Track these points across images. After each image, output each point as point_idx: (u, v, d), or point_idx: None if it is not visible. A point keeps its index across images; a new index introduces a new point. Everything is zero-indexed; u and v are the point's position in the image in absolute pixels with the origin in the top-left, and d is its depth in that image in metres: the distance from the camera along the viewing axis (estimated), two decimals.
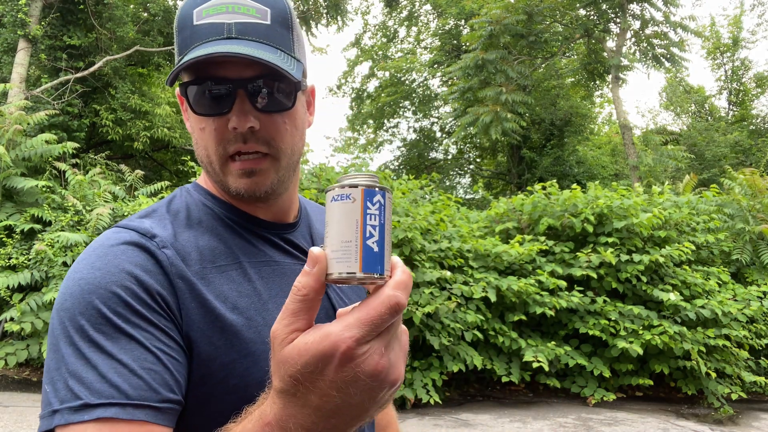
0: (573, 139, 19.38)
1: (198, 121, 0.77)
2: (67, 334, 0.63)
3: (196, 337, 0.69)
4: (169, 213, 0.78)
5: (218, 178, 0.79)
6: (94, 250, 0.69)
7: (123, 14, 12.75)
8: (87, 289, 0.64)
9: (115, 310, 0.64)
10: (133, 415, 0.60)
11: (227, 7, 0.74)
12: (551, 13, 15.71)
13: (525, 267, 6.52)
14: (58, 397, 0.61)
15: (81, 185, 6.89)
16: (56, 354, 0.63)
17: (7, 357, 5.71)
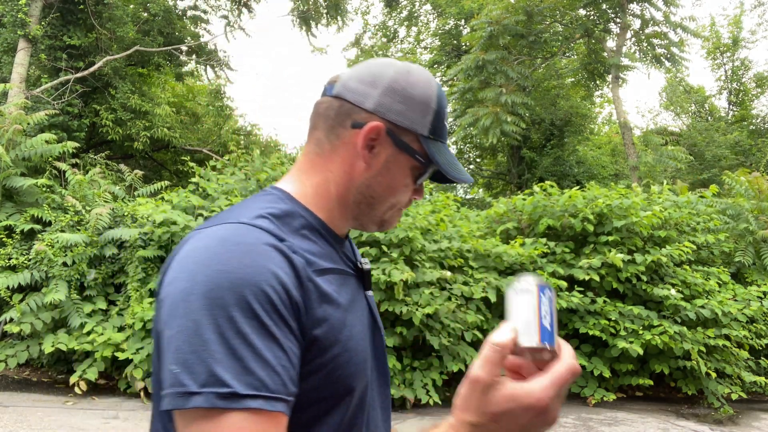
0: (573, 139, 19.38)
1: (406, 178, 0.90)
2: (214, 321, 0.67)
3: (318, 334, 0.76)
4: (275, 216, 0.82)
5: (373, 214, 0.92)
6: (237, 246, 0.73)
7: (123, 14, 12.74)
8: (238, 282, 0.69)
9: (264, 307, 0.69)
10: (274, 407, 0.66)
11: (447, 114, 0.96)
12: (551, 13, 15.70)
13: (526, 267, 6.52)
14: (196, 380, 0.65)
15: (81, 185, 6.89)
16: (196, 338, 0.67)
17: (8, 359, 5.70)
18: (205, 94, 17.60)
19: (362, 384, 0.84)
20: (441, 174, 0.91)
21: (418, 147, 0.88)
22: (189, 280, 0.70)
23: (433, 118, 0.89)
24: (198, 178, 6.95)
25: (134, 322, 5.47)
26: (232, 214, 0.81)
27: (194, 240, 0.76)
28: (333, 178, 0.89)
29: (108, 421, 4.77)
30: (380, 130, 0.86)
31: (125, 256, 6.26)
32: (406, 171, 0.89)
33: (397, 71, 0.89)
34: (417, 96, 0.88)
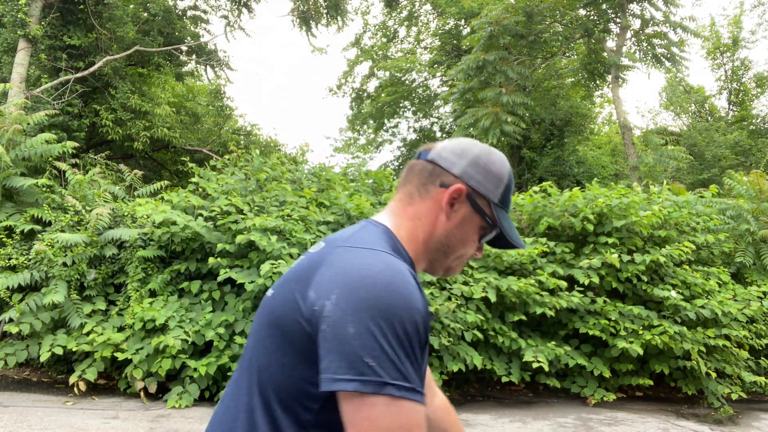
0: (573, 139, 19.37)
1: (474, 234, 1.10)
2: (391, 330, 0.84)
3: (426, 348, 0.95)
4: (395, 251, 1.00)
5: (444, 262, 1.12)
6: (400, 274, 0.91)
7: (123, 14, 12.74)
8: (409, 306, 0.87)
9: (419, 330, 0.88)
10: (415, 396, 0.85)
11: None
12: (551, 13, 15.69)
13: (525, 267, 6.52)
14: (388, 374, 0.83)
15: (81, 185, 6.88)
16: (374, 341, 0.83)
17: (7, 357, 5.70)
18: (205, 94, 17.60)
19: None
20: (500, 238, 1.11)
21: (489, 212, 1.08)
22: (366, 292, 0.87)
23: (503, 190, 1.10)
24: (198, 178, 6.94)
25: (134, 322, 5.47)
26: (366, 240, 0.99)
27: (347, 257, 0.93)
28: (421, 226, 1.08)
29: (108, 421, 4.77)
30: (462, 192, 1.07)
31: (125, 256, 6.26)
32: (476, 229, 1.09)
33: (481, 149, 1.11)
34: (494, 171, 1.09)
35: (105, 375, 5.91)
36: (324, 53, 20.86)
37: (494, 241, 1.13)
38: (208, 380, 5.38)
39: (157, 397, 5.49)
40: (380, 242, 0.99)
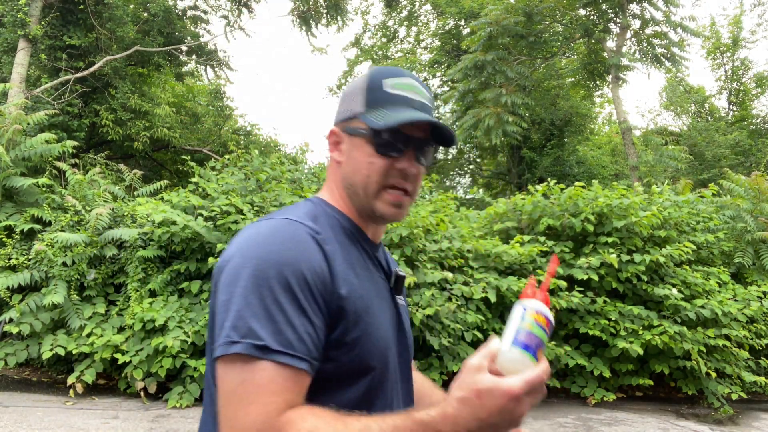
0: (573, 139, 19.37)
1: (370, 155, 1.02)
2: (257, 289, 0.84)
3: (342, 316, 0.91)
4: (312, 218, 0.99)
5: (367, 200, 1.04)
6: (280, 233, 0.91)
7: (123, 14, 12.74)
8: (281, 261, 0.86)
9: (299, 284, 0.86)
10: (298, 364, 0.83)
11: (413, 89, 1.05)
12: (551, 14, 15.68)
13: (525, 267, 6.52)
14: (238, 332, 0.81)
15: (81, 185, 6.88)
16: (244, 302, 0.83)
17: (7, 357, 5.70)
18: (205, 94, 17.60)
19: (381, 366, 0.98)
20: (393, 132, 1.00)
21: (362, 125, 1.03)
22: (242, 257, 0.88)
23: (365, 95, 1.04)
24: (197, 178, 6.94)
25: (134, 323, 5.46)
26: (279, 213, 0.99)
27: (248, 229, 0.95)
28: (335, 182, 1.09)
29: (108, 421, 4.77)
30: (333, 131, 1.08)
31: (125, 256, 6.25)
32: (364, 149, 1.03)
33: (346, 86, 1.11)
34: (350, 90, 1.08)
35: (105, 375, 5.91)
36: (324, 53, 20.87)
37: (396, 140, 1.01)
38: None
39: (157, 397, 5.48)
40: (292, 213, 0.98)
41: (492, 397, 0.79)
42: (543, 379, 0.81)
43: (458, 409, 0.80)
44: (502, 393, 0.78)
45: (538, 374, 0.81)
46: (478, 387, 0.79)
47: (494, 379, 0.80)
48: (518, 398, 0.79)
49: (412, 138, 1.02)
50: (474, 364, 0.82)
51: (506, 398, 0.78)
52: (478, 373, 0.81)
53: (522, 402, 0.79)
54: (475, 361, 0.83)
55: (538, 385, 0.81)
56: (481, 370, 0.81)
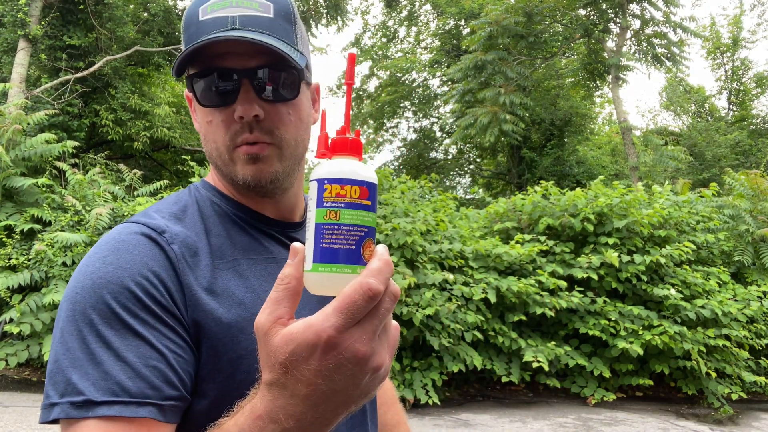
0: (573, 139, 19.37)
1: (205, 114, 0.79)
2: (75, 326, 0.64)
3: (204, 333, 0.70)
4: (178, 209, 0.79)
5: (227, 169, 0.80)
6: (106, 244, 0.70)
7: (123, 14, 12.74)
8: (99, 283, 0.66)
9: (125, 305, 0.65)
10: (135, 412, 0.61)
11: (231, 2, 0.77)
12: (551, 14, 15.69)
13: (525, 267, 6.52)
14: (57, 389, 0.62)
15: (81, 185, 6.88)
16: (61, 346, 0.64)
17: (8, 357, 5.70)
18: None
19: None
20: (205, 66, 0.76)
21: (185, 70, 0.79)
22: (67, 288, 0.69)
23: (183, 35, 0.81)
24: (197, 178, 6.94)
25: None
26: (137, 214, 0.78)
27: None
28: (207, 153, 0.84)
29: None
30: (186, 94, 0.84)
31: None
32: (198, 107, 0.80)
33: None
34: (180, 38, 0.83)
35: None
36: (324, 53, 20.87)
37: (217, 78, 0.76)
38: None
39: None
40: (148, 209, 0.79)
41: (300, 362, 0.50)
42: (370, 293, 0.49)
43: (270, 399, 0.53)
44: (307, 348, 0.49)
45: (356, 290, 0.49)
46: (278, 359, 0.51)
47: (290, 332, 0.51)
48: (333, 342, 0.49)
49: (241, 71, 0.75)
50: (261, 323, 0.53)
51: (318, 352, 0.49)
52: (270, 338, 0.52)
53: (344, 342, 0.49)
54: (262, 317, 0.53)
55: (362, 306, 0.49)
56: (272, 329, 0.52)
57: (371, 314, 0.50)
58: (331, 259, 0.52)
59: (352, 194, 0.52)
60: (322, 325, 0.49)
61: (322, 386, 0.51)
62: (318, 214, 0.52)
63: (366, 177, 0.53)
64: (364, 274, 0.50)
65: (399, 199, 6.79)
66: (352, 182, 0.52)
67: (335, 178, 0.52)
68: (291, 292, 0.53)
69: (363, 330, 0.50)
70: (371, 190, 0.53)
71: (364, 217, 0.52)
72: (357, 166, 0.54)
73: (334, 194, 0.52)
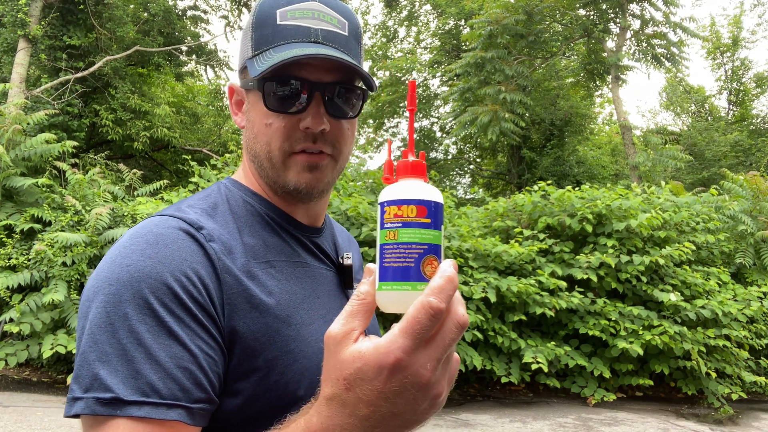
0: (573, 139, 19.37)
1: (265, 115, 0.79)
2: (107, 319, 0.62)
3: (241, 333, 0.69)
4: (208, 206, 0.78)
5: (275, 172, 0.80)
6: (143, 236, 0.68)
7: (123, 14, 12.75)
8: (137, 276, 0.64)
9: (163, 302, 0.63)
10: (165, 414, 0.60)
11: (313, 14, 0.79)
12: (551, 13, 15.69)
13: (525, 267, 6.52)
14: (81, 384, 0.60)
15: (81, 185, 6.89)
16: (89, 338, 0.62)
17: (8, 357, 5.70)
18: (205, 94, 17.61)
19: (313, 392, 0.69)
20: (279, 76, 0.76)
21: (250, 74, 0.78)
22: (95, 278, 0.67)
23: (252, 34, 0.80)
24: (197, 178, 6.94)
25: None
26: (166, 208, 0.77)
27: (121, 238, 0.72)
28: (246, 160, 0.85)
29: None
30: (233, 88, 0.86)
31: None
32: (259, 107, 0.79)
33: None
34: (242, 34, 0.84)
35: None
36: None
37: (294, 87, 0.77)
38: None
39: None
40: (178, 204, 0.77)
41: (365, 381, 0.50)
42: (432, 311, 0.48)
43: (328, 416, 0.52)
44: (374, 369, 0.49)
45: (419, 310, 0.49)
46: (343, 373, 0.51)
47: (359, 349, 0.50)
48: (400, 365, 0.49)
49: (316, 84, 0.76)
50: (334, 334, 0.52)
51: (384, 374, 0.49)
52: (339, 350, 0.51)
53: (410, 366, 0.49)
54: (335, 327, 0.53)
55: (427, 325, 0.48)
56: (343, 342, 0.51)
57: (438, 342, 0.50)
58: (392, 278, 0.53)
59: (409, 213, 0.53)
60: (390, 346, 0.49)
61: (382, 408, 0.50)
62: (380, 236, 0.54)
63: (424, 196, 0.54)
64: (426, 292, 0.49)
65: None
66: (409, 202, 0.53)
67: (393, 200, 0.54)
68: (366, 308, 0.53)
69: (428, 356, 0.50)
70: (430, 208, 0.54)
71: (423, 235, 0.53)
72: (415, 186, 0.55)
73: (393, 215, 0.54)
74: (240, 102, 0.85)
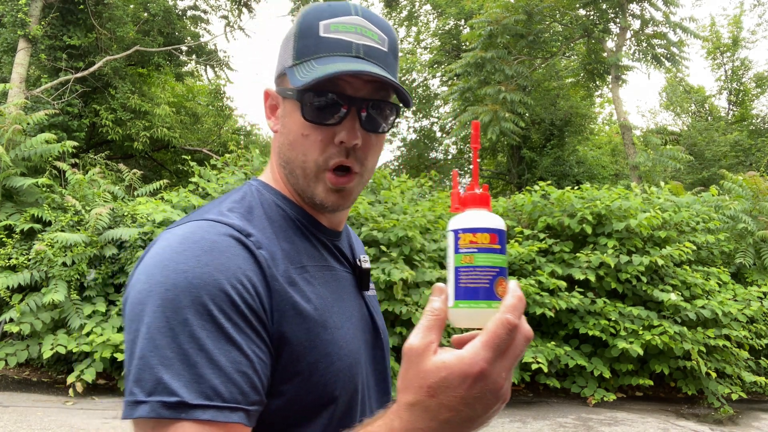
0: (573, 139, 19.37)
1: (303, 126, 0.80)
2: (166, 324, 0.64)
3: (289, 338, 0.72)
4: (244, 209, 0.79)
5: (306, 184, 0.82)
6: (196, 243, 0.69)
7: (123, 14, 12.75)
8: (195, 283, 0.65)
9: (222, 308, 0.65)
10: (228, 417, 0.62)
11: (355, 29, 0.81)
12: (551, 13, 15.69)
13: (525, 267, 6.52)
14: (144, 387, 0.62)
15: (81, 185, 6.89)
16: (149, 342, 0.63)
17: (8, 357, 5.70)
18: (205, 94, 17.61)
19: (348, 391, 0.78)
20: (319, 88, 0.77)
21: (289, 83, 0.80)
22: (146, 282, 0.67)
23: (294, 43, 0.81)
24: (197, 178, 6.94)
25: None
26: (202, 210, 0.78)
27: (159, 240, 0.73)
28: (275, 163, 0.87)
29: (108, 421, 4.77)
30: (268, 93, 0.87)
31: (125, 256, 6.26)
32: (296, 117, 0.80)
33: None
34: (285, 36, 0.86)
35: (105, 375, 5.91)
36: None
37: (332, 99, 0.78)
38: None
39: None
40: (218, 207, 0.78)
41: (449, 389, 0.55)
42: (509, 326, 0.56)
43: (409, 420, 0.57)
44: (459, 377, 0.55)
45: (498, 326, 0.55)
46: (427, 382, 0.56)
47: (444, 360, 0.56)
48: (483, 374, 0.55)
49: (353, 98, 0.78)
50: (415, 346, 0.57)
51: (468, 382, 0.55)
52: (422, 360, 0.57)
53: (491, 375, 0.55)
54: (415, 341, 0.58)
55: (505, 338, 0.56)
56: (425, 353, 0.57)
57: (510, 353, 0.57)
58: (470, 297, 0.60)
59: (483, 241, 0.61)
60: (474, 358, 0.55)
61: (462, 413, 0.56)
62: (456, 259, 0.61)
63: (495, 225, 0.62)
64: (502, 310, 0.57)
65: (398, 197, 6.79)
66: (483, 230, 0.61)
67: (468, 228, 0.61)
68: (440, 323, 0.59)
69: (504, 366, 0.56)
70: (500, 236, 0.61)
71: (495, 259, 0.61)
72: (486, 216, 0.62)
73: (468, 242, 0.61)
74: (274, 107, 0.87)
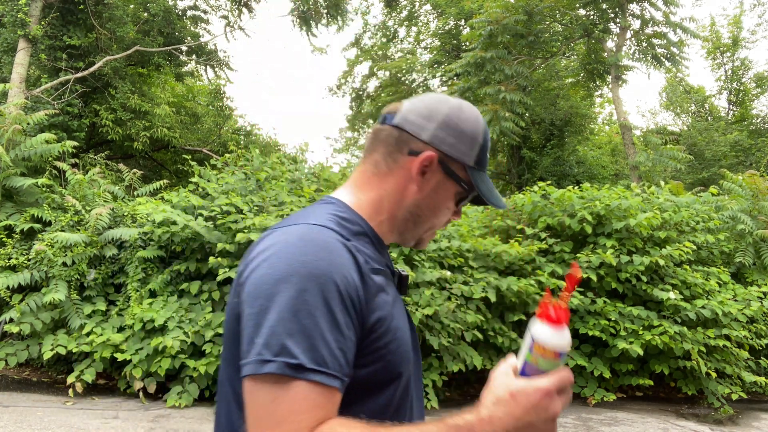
0: (573, 139, 19.36)
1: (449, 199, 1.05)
2: (291, 303, 0.80)
3: (379, 322, 0.90)
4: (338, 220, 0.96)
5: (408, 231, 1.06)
6: (313, 242, 0.87)
7: (123, 14, 12.73)
8: (316, 273, 0.83)
9: (332, 296, 0.82)
10: (332, 382, 0.80)
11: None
12: (551, 13, 15.68)
13: (525, 267, 6.52)
14: (271, 350, 0.79)
15: (81, 185, 6.88)
16: (275, 316, 0.80)
17: (8, 357, 5.70)
18: (205, 94, 17.60)
19: (408, 370, 0.97)
20: (479, 198, 1.06)
21: (464, 176, 1.03)
22: (272, 268, 0.84)
23: (478, 150, 1.04)
24: (197, 178, 6.94)
25: (134, 323, 5.46)
26: (302, 217, 0.95)
27: (273, 236, 0.91)
28: (386, 196, 1.03)
29: (108, 421, 4.77)
30: (433, 159, 1.01)
31: (125, 256, 6.26)
32: (451, 195, 1.04)
33: (450, 108, 1.03)
34: (467, 131, 1.03)
35: (105, 375, 5.91)
36: (324, 53, 20.88)
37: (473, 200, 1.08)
38: (208, 380, 5.38)
39: (156, 397, 5.49)
40: (315, 217, 0.94)
41: (526, 395, 0.81)
42: (570, 380, 0.85)
43: (493, 410, 0.82)
44: (535, 390, 0.82)
45: (564, 371, 0.84)
46: (511, 389, 0.83)
47: (526, 380, 0.84)
48: (551, 394, 0.82)
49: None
50: (504, 370, 0.87)
51: (540, 395, 0.81)
52: (508, 377, 0.85)
53: (554, 398, 0.82)
54: (504, 368, 0.88)
55: (566, 384, 0.84)
56: (510, 373, 0.86)
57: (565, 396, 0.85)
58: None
59: (548, 355, 0.84)
60: (548, 383, 0.82)
61: (527, 417, 0.81)
62: (527, 354, 0.86)
63: (560, 348, 0.84)
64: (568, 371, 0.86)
65: None
66: (552, 347, 0.84)
67: (541, 342, 0.84)
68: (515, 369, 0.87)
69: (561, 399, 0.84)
70: (563, 355, 0.84)
71: (552, 366, 0.84)
72: (557, 337, 0.84)
73: (538, 351, 0.84)
74: (427, 170, 1.02)
